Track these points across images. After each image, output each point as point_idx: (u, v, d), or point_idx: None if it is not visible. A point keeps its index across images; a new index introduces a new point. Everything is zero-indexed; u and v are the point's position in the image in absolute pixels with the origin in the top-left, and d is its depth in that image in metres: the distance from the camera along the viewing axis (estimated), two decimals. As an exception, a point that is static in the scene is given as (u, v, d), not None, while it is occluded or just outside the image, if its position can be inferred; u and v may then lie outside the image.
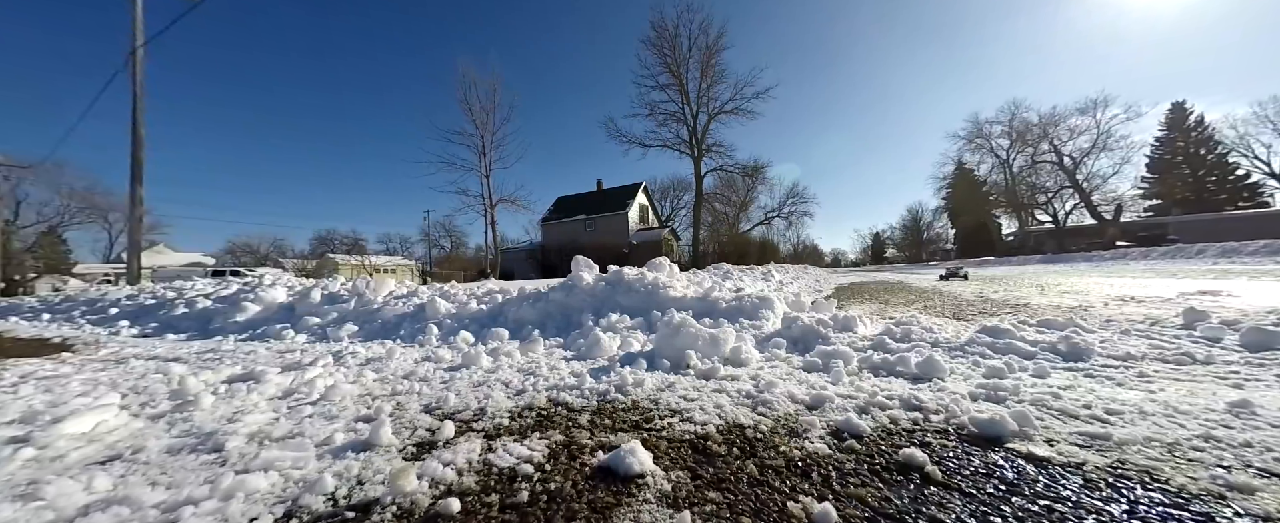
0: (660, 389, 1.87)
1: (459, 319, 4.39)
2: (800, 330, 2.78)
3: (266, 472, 1.13)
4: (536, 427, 1.51)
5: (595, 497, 1.02)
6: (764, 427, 1.42)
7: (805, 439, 1.32)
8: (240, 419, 1.61)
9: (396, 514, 0.96)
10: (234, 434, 1.44)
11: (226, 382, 2.23)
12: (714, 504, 0.98)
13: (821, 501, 0.96)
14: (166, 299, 7.45)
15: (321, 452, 1.29)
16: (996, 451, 1.21)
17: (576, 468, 1.18)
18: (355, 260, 37.11)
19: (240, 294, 6.60)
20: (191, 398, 1.87)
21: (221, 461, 1.25)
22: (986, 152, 40.19)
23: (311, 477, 1.11)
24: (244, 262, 38.22)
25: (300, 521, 0.94)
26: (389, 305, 5.16)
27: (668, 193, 42.08)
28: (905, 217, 65.11)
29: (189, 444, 1.39)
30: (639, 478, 1.10)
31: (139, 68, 14.87)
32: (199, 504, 0.98)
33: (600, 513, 0.96)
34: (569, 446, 1.33)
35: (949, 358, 2.24)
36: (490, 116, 21.81)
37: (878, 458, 1.18)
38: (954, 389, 1.73)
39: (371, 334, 4.35)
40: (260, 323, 5.30)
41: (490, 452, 1.29)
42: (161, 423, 1.62)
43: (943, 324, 3.40)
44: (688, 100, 27.88)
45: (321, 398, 1.89)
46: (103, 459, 1.30)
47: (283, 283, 7.26)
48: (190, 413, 1.72)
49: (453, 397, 1.84)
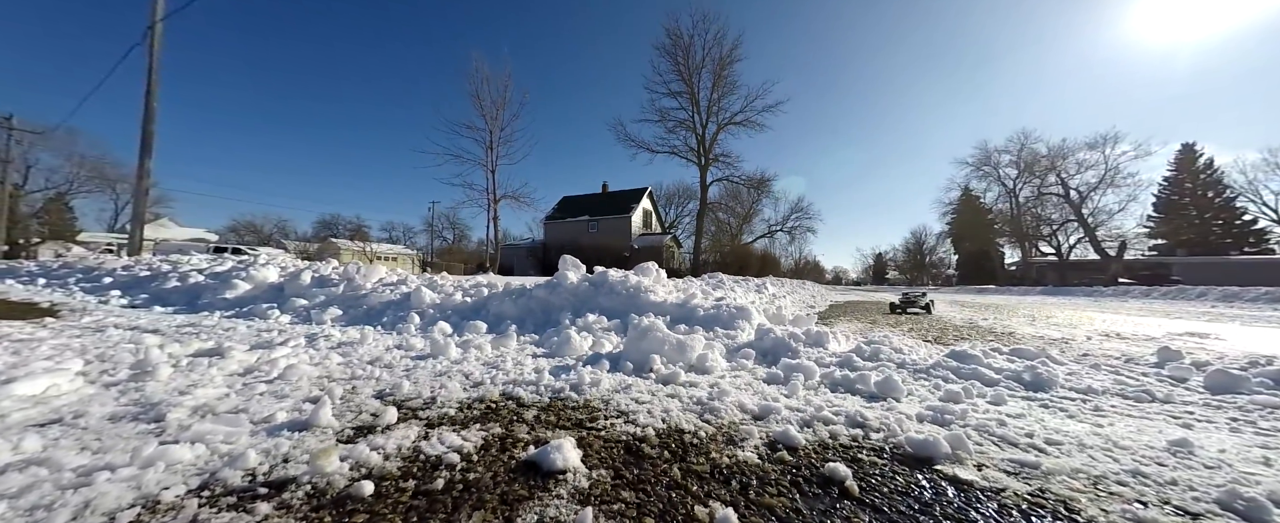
0: (615, 391, 1.87)
1: (442, 310, 4.41)
2: (772, 343, 2.79)
3: (194, 444, 1.14)
4: (480, 419, 1.51)
5: (510, 489, 1.03)
6: (703, 433, 1.43)
7: (739, 448, 1.32)
8: (191, 392, 1.63)
9: (309, 493, 0.97)
10: (179, 406, 1.45)
11: (192, 356, 2.25)
12: (623, 503, 0.99)
13: (729, 506, 0.96)
14: (160, 272, 7.51)
15: (257, 429, 1.30)
16: (924, 471, 1.21)
17: (503, 461, 1.18)
18: (357, 246, 37.32)
19: (232, 272, 6.65)
20: (151, 369, 1.89)
21: (158, 431, 1.27)
22: (994, 179, 40.17)
23: (238, 452, 1.12)
24: (247, 240, 38.46)
25: (213, 493, 0.96)
26: (376, 292, 5.19)
27: (672, 199, 42.23)
28: (908, 239, 64.79)
29: (131, 413, 1.41)
30: (560, 474, 1.11)
31: (156, 42, 15.08)
32: (116, 471, 1.00)
33: (509, 505, 0.96)
34: (505, 439, 1.33)
35: (912, 379, 2.24)
36: (500, 112, 21.98)
37: (803, 470, 1.19)
38: (904, 410, 1.73)
39: (354, 320, 4.37)
40: (248, 302, 5.33)
41: (425, 440, 1.30)
42: (113, 391, 1.64)
43: (915, 346, 3.39)
44: (698, 109, 28.05)
45: (278, 378, 1.90)
46: (43, 422, 1.31)
47: (276, 263, 7.30)
48: (144, 384, 1.73)
49: (407, 384, 1.85)
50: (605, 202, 33.99)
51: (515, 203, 21.89)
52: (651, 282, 4.42)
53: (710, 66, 27.58)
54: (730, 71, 27.73)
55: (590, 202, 34.84)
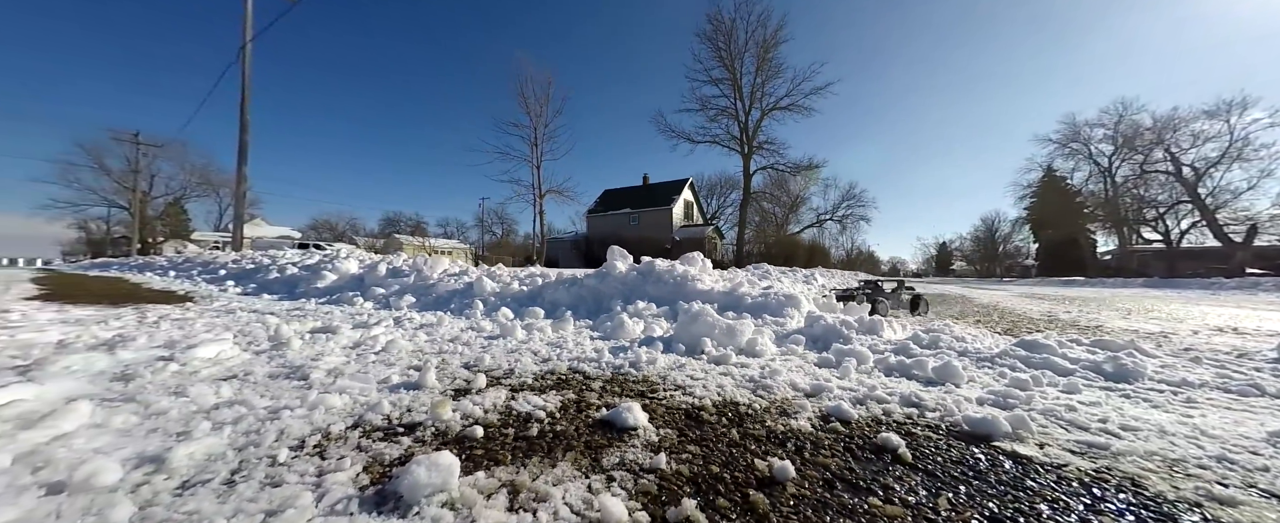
0: (671, 369, 2.02)
1: (502, 298, 4.77)
2: (822, 330, 2.80)
3: (340, 394, 1.42)
4: (554, 387, 1.71)
5: (592, 439, 1.20)
6: (758, 406, 1.53)
7: (793, 419, 1.41)
8: (320, 359, 1.96)
9: (435, 433, 1.20)
10: (316, 369, 1.78)
11: (310, 332, 2.66)
12: (690, 454, 1.12)
13: (786, 460, 1.07)
14: (262, 265, 8.62)
15: (381, 387, 1.58)
16: (980, 446, 1.25)
17: (581, 419, 1.36)
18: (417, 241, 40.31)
19: (321, 265, 7.49)
20: (285, 341, 2.28)
21: (308, 386, 1.57)
22: (1083, 158, 35.42)
23: (374, 402, 1.39)
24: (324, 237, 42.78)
25: (365, 429, 1.21)
26: (443, 282, 5.69)
27: (715, 190, 41.47)
28: (978, 226, 58.64)
29: (284, 372, 1.74)
30: (632, 430, 1.27)
31: (247, 61, 16.95)
32: (293, 410, 1.28)
33: (594, 450, 1.13)
34: (579, 403, 1.52)
35: (974, 367, 2.19)
36: (543, 109, 22.71)
37: (856, 439, 1.27)
38: (963, 394, 1.73)
39: (426, 306, 4.83)
40: (336, 290, 6.03)
41: (513, 400, 1.51)
42: (263, 357, 2.01)
43: (980, 336, 3.24)
44: (740, 95, 27.26)
45: (382, 350, 2.23)
46: (225, 377, 1.67)
47: (355, 257, 8.15)
48: (283, 352, 2.11)
49: (487, 358, 2.10)
50: (646, 194, 34.11)
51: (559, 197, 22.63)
52: (697, 271, 4.51)
53: (753, 50, 26.65)
54: (774, 55, 26.67)
55: (631, 194, 35.10)
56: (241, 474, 0.92)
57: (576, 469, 1.03)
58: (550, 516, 0.82)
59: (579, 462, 1.07)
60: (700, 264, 4.87)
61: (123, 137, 31.26)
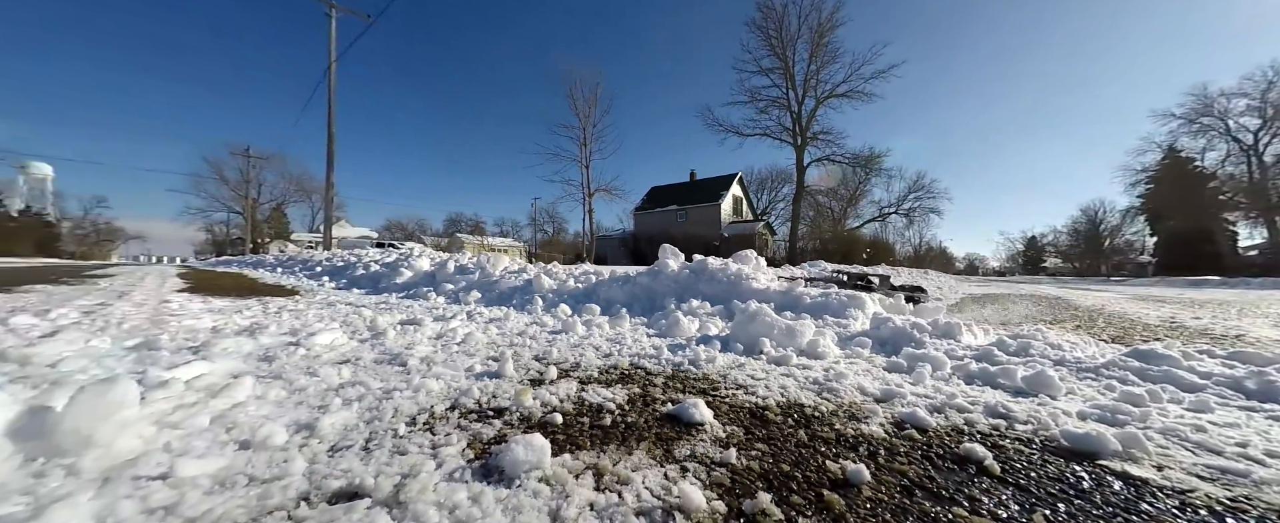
0: (730, 367, 2.04)
1: (559, 294, 5.01)
2: (890, 332, 2.67)
3: (436, 380, 1.61)
4: (619, 381, 1.81)
5: (662, 432, 1.27)
6: (824, 409, 1.52)
7: (863, 423, 1.39)
8: (413, 349, 2.21)
9: (520, 418, 1.33)
10: (411, 357, 2.01)
11: (399, 323, 2.98)
12: (759, 452, 1.15)
13: (861, 464, 1.07)
14: (350, 263, 9.67)
15: (467, 374, 1.75)
16: (1083, 464, 1.15)
17: (649, 412, 1.44)
18: (476, 240, 43.18)
19: (398, 262, 8.25)
20: (381, 331, 2.59)
21: (407, 371, 1.79)
22: (1219, 135, 29.66)
23: (465, 387, 1.56)
24: (396, 237, 47.09)
25: (461, 411, 1.37)
26: (504, 279, 6.07)
27: (765, 184, 40.04)
28: (1077, 218, 50.39)
29: (386, 358, 1.99)
30: (698, 425, 1.32)
31: (333, 79, 18.93)
32: (401, 392, 1.47)
33: (665, 442, 1.20)
34: (644, 396, 1.59)
35: (1074, 378, 1.99)
36: (592, 109, 23.30)
37: (935, 448, 1.22)
38: (1061, 407, 1.59)
39: (491, 301, 5.19)
40: (412, 285, 6.64)
41: (583, 391, 1.62)
42: (366, 345, 2.30)
43: (1082, 343, 2.91)
44: (793, 84, 26.08)
45: (462, 342, 2.46)
46: (341, 361, 1.94)
47: (427, 256, 8.90)
48: (382, 341, 2.39)
49: (554, 352, 2.25)
50: (693, 190, 33.78)
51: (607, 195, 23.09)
52: (752, 269, 4.44)
53: (806, 36, 25.41)
54: (830, 39, 25.24)
55: (678, 191, 34.93)
56: (374, 443, 1.09)
57: (651, 458, 1.10)
58: (634, 497, 0.90)
59: (652, 451, 1.14)
60: (754, 262, 4.79)
61: (237, 151, 36.76)
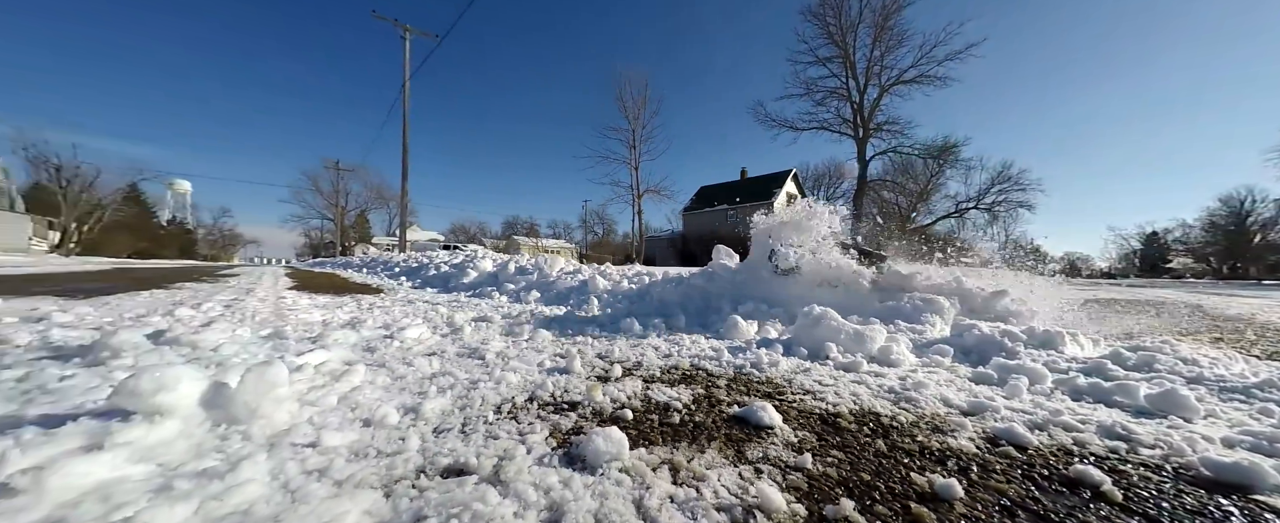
0: (795, 372, 1.99)
1: (614, 295, 5.13)
2: (975, 340, 2.46)
3: (513, 373, 1.74)
4: (681, 381, 1.84)
5: (731, 432, 1.28)
6: (903, 419, 1.44)
7: (950, 436, 1.30)
8: (488, 344, 2.39)
9: (593, 412, 1.40)
10: (488, 351, 2.18)
11: (473, 320, 3.23)
12: (835, 459, 1.13)
13: (951, 478, 1.01)
14: (423, 264, 10.57)
15: (539, 370, 1.88)
16: (1232, 497, 1.00)
17: (716, 412, 1.45)
18: (531, 242, 45.50)
19: (465, 264, 8.88)
20: (458, 327, 2.82)
21: (485, 364, 1.95)
22: None
23: (539, 382, 1.67)
24: (460, 240, 50.96)
25: (539, 402, 1.47)
26: (561, 280, 6.33)
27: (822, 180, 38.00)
28: (1215, 210, 41.11)
29: (466, 352, 2.18)
30: (768, 429, 1.31)
31: (407, 97, 20.75)
32: (484, 383, 1.62)
33: (735, 443, 1.21)
34: (708, 397, 1.61)
35: (1214, 398, 1.72)
36: (641, 111, 23.57)
37: (1038, 468, 1.12)
38: (1199, 431, 1.38)
39: (549, 301, 5.43)
40: (477, 285, 7.12)
41: (648, 390, 1.67)
42: (448, 340, 2.53)
43: (1224, 360, 2.49)
44: (853, 73, 24.52)
45: (529, 338, 2.61)
46: (429, 353, 2.15)
47: (490, 258, 9.50)
48: (460, 336, 2.61)
49: (616, 350, 2.33)
50: (744, 188, 32.94)
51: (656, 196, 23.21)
52: (811, 270, 4.27)
53: (869, 20, 23.81)
54: (896, 21, 23.47)
55: (728, 190, 34.23)
56: (469, 427, 1.22)
57: (723, 458, 1.12)
58: (711, 493, 0.93)
59: (724, 451, 1.16)
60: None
61: (329, 164, 41.81)
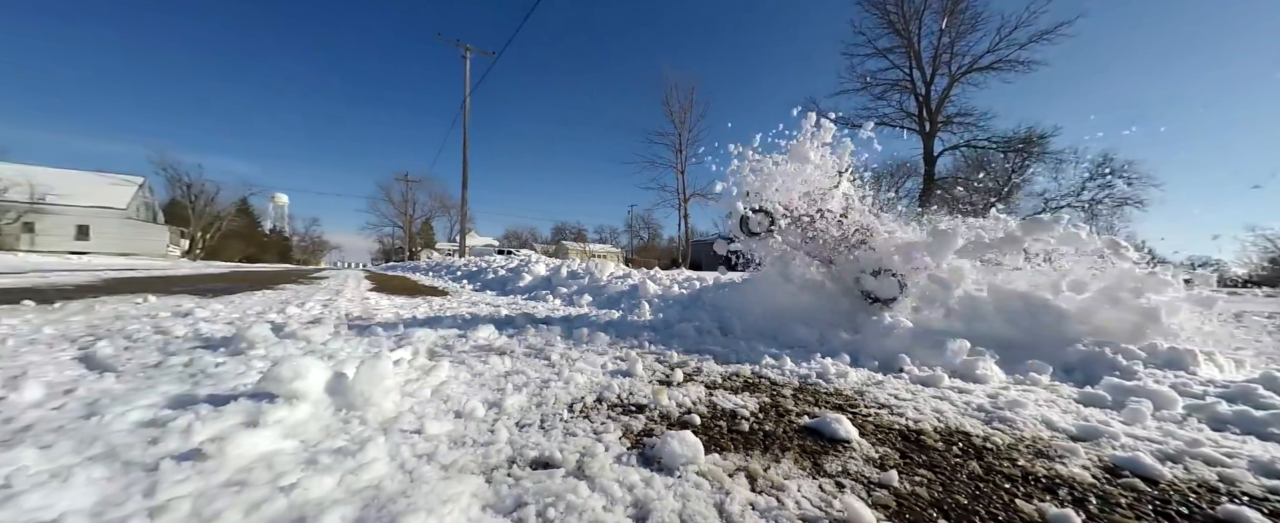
0: (866, 384, 1.89)
1: (665, 300, 5.15)
2: (1080, 357, 2.20)
3: (580, 373, 1.81)
4: (745, 389, 1.81)
5: (804, 443, 1.25)
6: (998, 441, 1.33)
7: (1059, 463, 1.18)
8: (552, 346, 2.50)
9: (660, 415, 1.43)
10: (552, 352, 2.28)
11: (537, 321, 3.39)
12: (923, 478, 1.06)
13: (1065, 508, 0.91)
14: (482, 269, 11.23)
15: (603, 371, 1.93)
16: None
17: (785, 422, 1.42)
18: (579, 246, 46.98)
19: (520, 268, 9.32)
20: (522, 328, 2.98)
21: (551, 365, 2.05)
22: None
23: (605, 383, 1.72)
24: (512, 245, 53.82)
25: (608, 403, 1.52)
26: (611, 284, 6.46)
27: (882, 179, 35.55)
28: None
29: (532, 352, 2.30)
30: (843, 442, 1.26)
31: (467, 112, 22.24)
32: (554, 383, 1.70)
33: (810, 455, 1.18)
34: (775, 407, 1.58)
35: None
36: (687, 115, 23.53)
37: (1175, 504, 0.98)
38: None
39: (601, 305, 5.56)
40: (532, 289, 7.45)
41: (712, 396, 1.66)
42: (515, 340, 2.68)
43: None
44: (918, 63, 22.75)
45: (588, 341, 2.70)
46: (499, 353, 2.29)
47: (543, 262, 9.91)
48: (525, 337, 2.76)
49: (674, 355, 2.34)
50: (794, 192, 31.58)
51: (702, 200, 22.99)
52: (875, 277, 4.02)
53: (936, 5, 22.06)
54: (968, 3, 21.54)
55: (777, 193, 33.01)
56: (547, 423, 1.29)
57: (799, 468, 1.10)
58: (794, 503, 0.91)
59: (800, 462, 1.13)
60: (877, 270, 4.33)
61: (399, 176, 46.15)
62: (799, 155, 3.58)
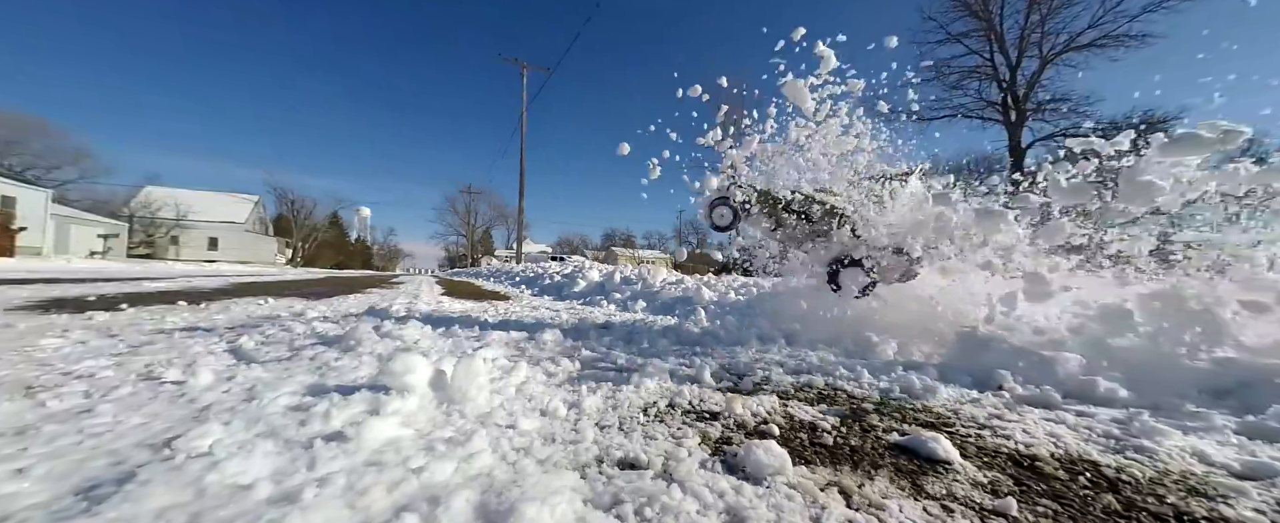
0: (960, 402, 1.74)
1: (721, 306, 5.08)
2: (1238, 377, 1.86)
3: (649, 378, 1.84)
4: (820, 400, 1.73)
5: (896, 462, 1.17)
6: (1135, 473, 1.16)
7: (1223, 504, 1.01)
8: (614, 350, 2.56)
9: (736, 424, 1.41)
10: (618, 357, 2.33)
11: (595, 327, 3.49)
12: (1046, 509, 0.96)
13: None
14: (538, 274, 11.74)
15: (671, 378, 1.95)
16: None
17: (871, 438, 1.34)
18: (628, 252, 47.72)
19: (574, 274, 9.62)
20: (585, 333, 3.08)
21: (620, 370, 2.09)
22: None
23: (673, 388, 1.74)
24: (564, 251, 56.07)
25: (681, 409, 1.53)
26: (665, 290, 6.47)
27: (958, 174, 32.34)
28: None
29: (599, 356, 2.37)
30: (944, 463, 1.17)
31: (524, 125, 23.42)
32: (625, 387, 1.73)
33: (906, 475, 1.10)
34: (858, 421, 1.49)
35: None
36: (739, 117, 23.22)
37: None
38: None
39: (655, 310, 5.59)
40: (587, 294, 7.65)
41: (786, 406, 1.61)
42: (580, 344, 2.77)
43: None
44: (1001, 46, 20.41)
45: (649, 345, 2.73)
46: (566, 355, 2.39)
47: (596, 269, 10.17)
48: (588, 341, 2.85)
49: (740, 363, 2.30)
50: (854, 193, 29.73)
51: (754, 205, 22.52)
52: (957, 284, 3.68)
53: (1023, -21, 19.76)
54: (1063, -27, 19.10)
55: (834, 195, 31.28)
56: (626, 426, 1.33)
57: (897, 488, 1.03)
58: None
59: (896, 481, 1.07)
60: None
61: (463, 188, 49.92)
62: (797, 94, 3.27)
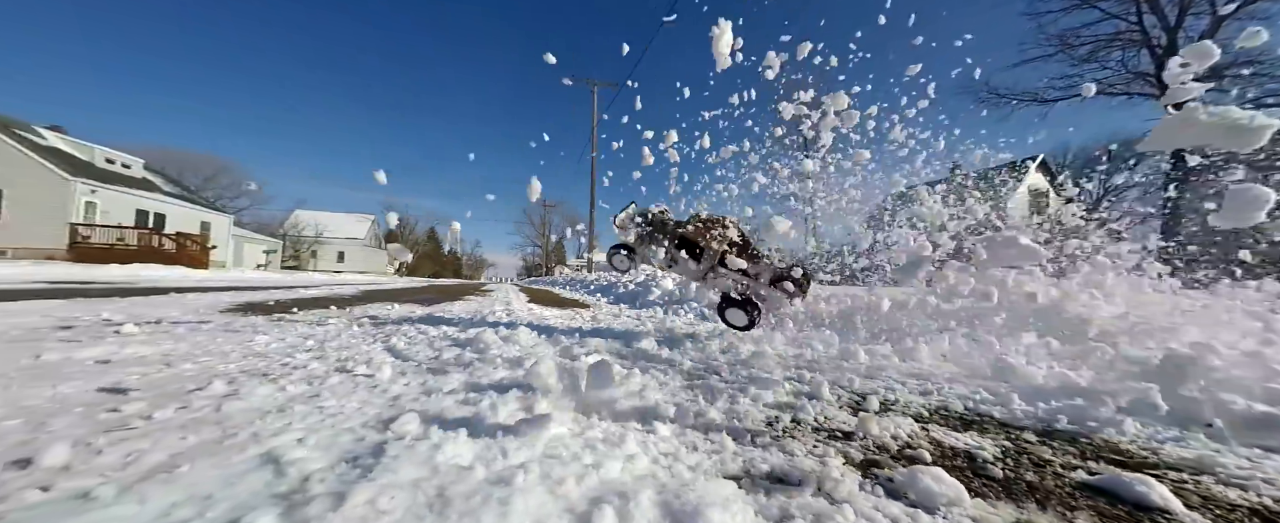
0: (1162, 441, 1.44)
1: (809, 316, 4.78)
2: None
3: (764, 390, 1.78)
4: (965, 427, 1.55)
5: (1096, 505, 1.00)
6: None
7: None
8: (716, 359, 2.53)
9: (874, 445, 1.31)
10: (721, 367, 2.30)
11: (685, 336, 3.49)
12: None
13: None
14: (612, 283, 12.09)
15: (785, 392, 1.87)
16: None
17: (1050, 473, 1.16)
18: (693, 262, 48.03)
19: (648, 282, 9.73)
20: (677, 340, 3.09)
21: (728, 381, 2.06)
22: None
23: (795, 403, 1.66)
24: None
25: (809, 427, 1.46)
26: (745, 299, 6.27)
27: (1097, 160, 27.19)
28: None
29: (701, 365, 2.36)
30: (1161, 512, 0.97)
31: (594, 141, 24.49)
32: (742, 398, 1.70)
33: (1111, 520, 0.93)
34: (1023, 452, 1.30)
35: None
36: (811, 121, 22.18)
37: None
38: None
39: (737, 320, 5.43)
40: (662, 301, 7.70)
41: (927, 430, 1.46)
42: (676, 351, 2.79)
43: None
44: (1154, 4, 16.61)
45: (745, 359, 2.65)
46: (670, 363, 2.41)
47: (670, 278, 10.21)
48: (683, 348, 2.85)
49: (857, 381, 2.14)
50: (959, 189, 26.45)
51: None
52: (1117, 296, 3.09)
53: (1186, -82, 16.13)
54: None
55: (928, 194, 28.11)
56: (758, 440, 1.30)
57: (1108, 537, 0.88)
58: (1131, 582, 0.73)
59: (1105, 528, 0.91)
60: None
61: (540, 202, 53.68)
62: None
